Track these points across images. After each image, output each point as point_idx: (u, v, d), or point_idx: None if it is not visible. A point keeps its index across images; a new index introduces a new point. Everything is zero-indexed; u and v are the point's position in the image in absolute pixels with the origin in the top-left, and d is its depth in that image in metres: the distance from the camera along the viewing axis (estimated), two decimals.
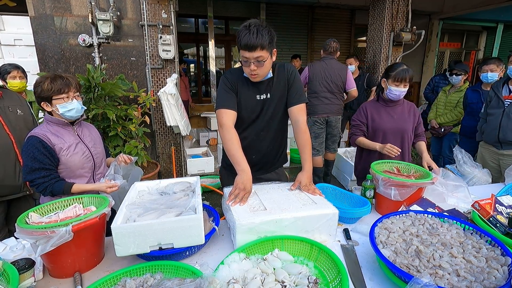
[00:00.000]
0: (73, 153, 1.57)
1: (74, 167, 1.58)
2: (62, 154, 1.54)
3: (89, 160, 1.65)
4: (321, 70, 3.56)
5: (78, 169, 1.60)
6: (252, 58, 1.37)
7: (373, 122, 2.06)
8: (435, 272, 0.91)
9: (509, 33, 7.93)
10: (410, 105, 2.09)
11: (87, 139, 1.67)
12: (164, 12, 3.63)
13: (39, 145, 1.47)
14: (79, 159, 1.59)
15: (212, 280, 0.86)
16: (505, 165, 2.33)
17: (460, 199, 1.63)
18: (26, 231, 0.99)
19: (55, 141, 1.53)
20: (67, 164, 1.56)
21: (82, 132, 1.68)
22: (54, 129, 1.56)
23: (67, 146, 1.56)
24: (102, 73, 3.17)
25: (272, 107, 1.59)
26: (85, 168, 1.63)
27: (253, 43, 1.32)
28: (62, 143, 1.55)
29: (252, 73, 1.44)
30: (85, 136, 1.67)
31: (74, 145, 1.58)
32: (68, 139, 1.58)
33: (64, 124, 1.58)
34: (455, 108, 3.62)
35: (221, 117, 1.50)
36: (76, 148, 1.59)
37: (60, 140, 1.54)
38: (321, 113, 3.64)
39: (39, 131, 1.52)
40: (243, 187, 1.32)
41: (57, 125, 1.57)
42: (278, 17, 6.64)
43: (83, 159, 1.61)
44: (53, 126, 1.57)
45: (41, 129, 1.54)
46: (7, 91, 1.94)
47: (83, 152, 1.61)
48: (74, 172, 1.60)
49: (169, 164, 4.15)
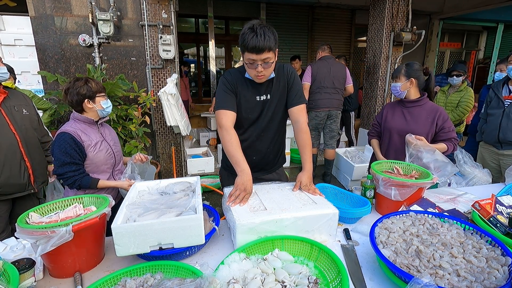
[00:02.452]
0: (98, 150, 1.72)
1: (99, 163, 1.73)
2: (90, 151, 1.69)
3: (111, 157, 1.80)
4: (324, 67, 3.74)
5: (102, 165, 1.75)
6: (259, 60, 1.37)
7: (385, 121, 2.07)
8: (435, 272, 0.91)
9: (509, 33, 7.92)
10: (434, 109, 1.94)
11: (108, 138, 1.83)
12: (164, 12, 3.63)
13: (71, 141, 1.61)
14: (104, 155, 1.74)
15: (212, 280, 0.86)
16: (505, 165, 2.33)
17: (441, 173, 1.67)
18: (27, 231, 0.99)
19: (84, 138, 1.67)
20: (93, 160, 1.71)
21: (104, 131, 1.84)
22: (82, 127, 1.70)
23: (94, 143, 1.71)
24: (102, 73, 3.17)
25: (272, 108, 1.59)
26: (108, 164, 1.78)
27: (261, 45, 1.32)
28: (90, 140, 1.70)
29: (258, 75, 1.43)
30: (106, 135, 1.83)
31: (99, 142, 1.74)
32: (94, 137, 1.73)
33: (91, 123, 1.74)
34: (456, 108, 3.62)
35: (220, 118, 1.50)
36: (101, 146, 1.74)
37: (87, 137, 1.69)
38: (323, 107, 3.80)
39: (70, 128, 1.65)
40: (243, 188, 1.32)
41: (84, 123, 1.72)
42: (278, 17, 6.64)
43: (107, 156, 1.76)
44: (81, 124, 1.72)
45: (71, 126, 1.67)
46: (13, 91, 1.95)
47: (106, 150, 1.76)
48: (99, 168, 1.74)
49: (169, 164, 4.15)
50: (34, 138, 1.95)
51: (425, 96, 1.98)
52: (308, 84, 3.75)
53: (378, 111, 4.72)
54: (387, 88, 4.85)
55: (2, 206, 1.87)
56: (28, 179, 1.90)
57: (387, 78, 4.82)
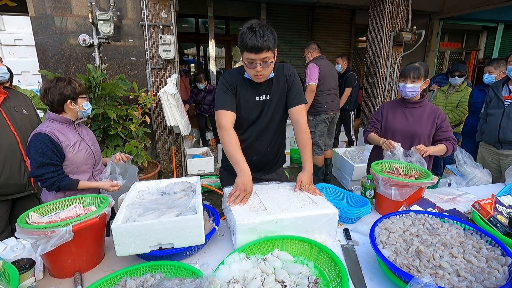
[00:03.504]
0: (78, 150, 1.68)
1: (79, 163, 1.69)
2: (69, 151, 1.65)
3: (91, 157, 1.76)
4: (327, 66, 3.61)
5: (83, 165, 1.71)
6: (258, 59, 1.37)
7: (386, 121, 2.05)
8: (435, 272, 0.91)
9: (509, 33, 7.92)
10: (433, 110, 1.95)
11: (86, 138, 1.79)
12: (164, 12, 3.63)
13: (48, 142, 1.56)
14: (84, 155, 1.71)
15: (212, 280, 0.86)
16: (505, 165, 2.33)
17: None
18: (27, 231, 0.99)
19: (62, 138, 1.63)
20: (73, 160, 1.66)
21: (82, 131, 1.79)
22: (58, 127, 1.65)
23: (73, 143, 1.67)
24: (102, 73, 3.17)
25: (272, 108, 1.59)
26: (88, 164, 1.75)
27: (260, 45, 1.32)
28: (68, 140, 1.65)
29: (257, 74, 1.43)
30: (84, 135, 1.79)
31: (78, 142, 1.70)
32: (72, 137, 1.68)
33: (68, 123, 1.69)
34: (456, 108, 3.62)
35: (220, 119, 1.50)
36: (80, 145, 1.70)
37: (65, 137, 1.65)
38: (334, 110, 3.71)
39: (46, 128, 1.60)
40: (243, 188, 1.32)
41: (61, 123, 1.67)
42: (278, 17, 6.64)
43: (86, 156, 1.73)
44: (57, 124, 1.66)
45: (47, 126, 1.62)
46: (13, 91, 1.96)
47: (86, 149, 1.73)
48: (79, 168, 1.71)
49: (169, 164, 4.15)
50: None
51: (425, 97, 1.98)
52: (315, 85, 3.48)
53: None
54: (387, 88, 4.85)
55: (2, 207, 1.87)
56: (28, 179, 1.90)
57: (387, 78, 4.82)
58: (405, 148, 1.82)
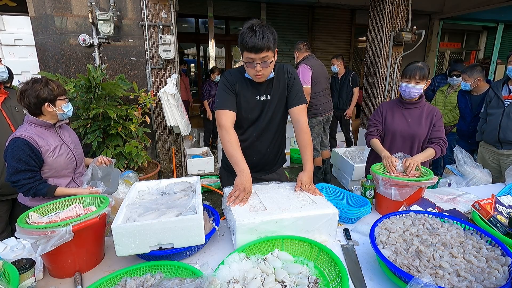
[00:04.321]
0: (58, 154, 1.62)
1: (60, 167, 1.64)
2: (48, 156, 1.58)
3: (72, 161, 1.71)
4: (318, 66, 3.54)
5: (63, 169, 1.66)
6: (258, 59, 1.37)
7: (385, 122, 2.01)
8: (435, 272, 0.91)
9: (509, 33, 7.92)
10: (431, 110, 1.94)
11: (68, 140, 1.73)
12: (164, 12, 3.63)
13: (26, 147, 1.50)
14: (64, 160, 1.65)
15: (212, 280, 0.86)
16: (505, 165, 2.33)
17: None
18: (27, 231, 0.99)
19: (41, 143, 1.56)
20: (52, 165, 1.61)
21: (63, 134, 1.73)
22: (38, 131, 1.59)
23: (53, 148, 1.61)
24: (102, 73, 3.17)
25: (272, 108, 1.59)
26: (69, 169, 1.70)
27: (260, 45, 1.32)
28: (48, 145, 1.59)
29: (257, 74, 1.43)
30: (66, 137, 1.73)
31: (58, 147, 1.64)
32: (53, 141, 1.63)
33: (48, 126, 1.63)
34: (455, 108, 3.62)
35: (220, 118, 1.50)
36: (61, 150, 1.64)
37: (45, 142, 1.58)
38: (329, 110, 3.70)
39: (25, 133, 1.53)
40: (243, 188, 1.33)
41: (41, 127, 1.61)
42: (278, 17, 6.64)
43: (67, 160, 1.67)
44: (37, 127, 1.59)
45: (25, 130, 1.55)
46: (13, 91, 1.96)
47: (67, 154, 1.67)
48: (59, 173, 1.65)
49: (169, 164, 4.15)
50: None
51: (423, 97, 1.97)
52: (309, 87, 3.41)
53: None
54: (387, 88, 4.85)
55: (2, 207, 1.87)
56: None
57: (387, 78, 4.82)
58: (405, 150, 1.81)
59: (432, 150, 1.84)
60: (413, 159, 1.65)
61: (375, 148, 1.96)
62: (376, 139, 1.99)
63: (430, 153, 1.83)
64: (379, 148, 1.91)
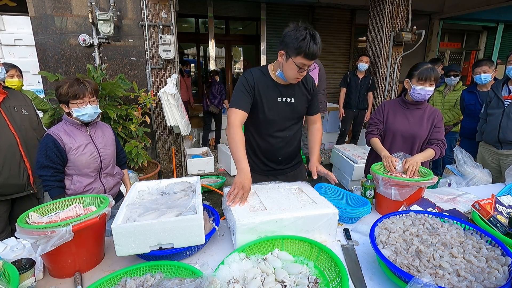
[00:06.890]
0: (81, 153, 1.68)
1: (81, 166, 1.70)
2: (71, 153, 1.66)
3: (96, 161, 1.74)
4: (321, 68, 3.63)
5: (85, 168, 1.71)
6: (309, 65, 1.44)
7: (387, 121, 2.01)
8: (435, 272, 0.91)
9: (509, 33, 7.92)
10: (432, 111, 1.94)
11: (98, 140, 1.77)
12: (164, 12, 3.63)
13: (52, 144, 1.60)
14: (86, 159, 1.70)
15: (212, 280, 0.86)
16: (505, 165, 2.33)
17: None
18: (27, 231, 0.99)
19: (67, 140, 1.65)
20: (75, 163, 1.68)
21: (95, 133, 1.78)
22: (68, 129, 1.69)
23: (77, 146, 1.67)
24: (102, 73, 3.17)
25: (293, 109, 1.66)
26: (91, 168, 1.73)
27: (318, 53, 1.40)
28: (73, 143, 1.66)
29: (299, 77, 1.50)
30: (97, 137, 1.78)
31: (83, 145, 1.70)
32: (79, 140, 1.69)
33: (78, 125, 1.71)
34: (454, 107, 3.63)
35: (230, 115, 1.55)
36: (85, 149, 1.70)
37: (71, 140, 1.66)
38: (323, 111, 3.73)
39: (55, 130, 1.65)
40: (241, 186, 1.33)
41: (72, 125, 1.70)
42: (278, 17, 6.64)
43: (90, 160, 1.71)
44: (69, 125, 1.70)
45: (57, 127, 1.67)
46: (12, 91, 1.95)
47: (91, 153, 1.72)
48: (81, 171, 1.71)
49: (169, 164, 4.15)
50: (33, 138, 1.95)
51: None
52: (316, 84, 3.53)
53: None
54: (387, 88, 4.86)
55: (1, 207, 1.87)
56: (28, 179, 1.90)
57: (387, 78, 4.82)
58: (405, 151, 1.81)
59: (431, 151, 1.84)
60: (413, 159, 1.65)
61: (375, 147, 1.96)
62: (376, 138, 1.99)
63: (430, 153, 1.83)
64: (379, 147, 1.91)
